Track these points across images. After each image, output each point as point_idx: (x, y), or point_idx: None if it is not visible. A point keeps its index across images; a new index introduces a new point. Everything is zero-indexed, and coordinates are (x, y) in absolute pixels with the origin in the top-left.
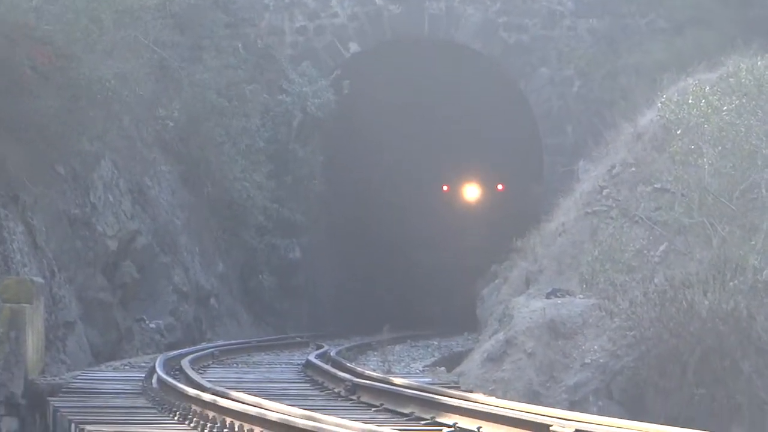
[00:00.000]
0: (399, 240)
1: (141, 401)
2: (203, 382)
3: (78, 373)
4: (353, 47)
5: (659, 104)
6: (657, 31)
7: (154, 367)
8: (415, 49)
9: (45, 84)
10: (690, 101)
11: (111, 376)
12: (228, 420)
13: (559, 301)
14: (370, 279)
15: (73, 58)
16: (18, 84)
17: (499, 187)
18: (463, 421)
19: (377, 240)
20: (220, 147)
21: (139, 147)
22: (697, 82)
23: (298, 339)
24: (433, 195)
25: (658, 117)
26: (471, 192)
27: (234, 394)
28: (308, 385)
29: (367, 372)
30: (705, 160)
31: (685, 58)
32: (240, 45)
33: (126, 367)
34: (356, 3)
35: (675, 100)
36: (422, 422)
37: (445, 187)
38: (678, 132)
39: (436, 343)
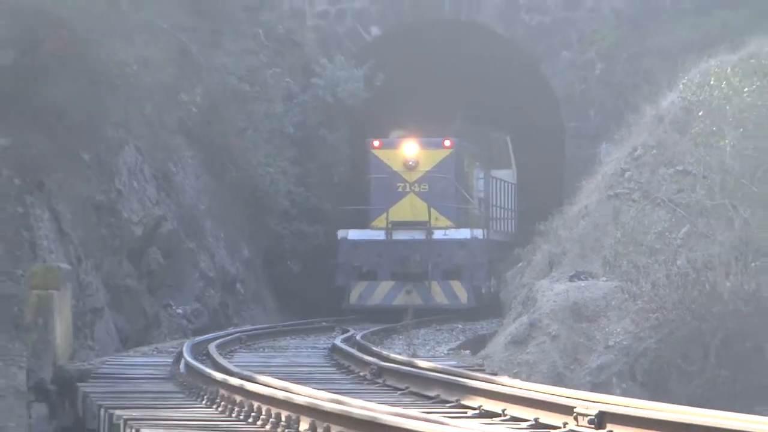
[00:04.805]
0: None
1: (169, 386)
2: (230, 366)
3: (106, 358)
4: (375, 31)
5: (681, 86)
6: (683, 12)
7: (181, 353)
8: (436, 33)
9: (64, 69)
10: (711, 83)
11: (139, 361)
12: (255, 404)
13: (582, 284)
14: None
15: (91, 42)
16: (37, 70)
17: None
18: (488, 404)
19: None
20: (242, 133)
21: (161, 133)
22: (718, 63)
23: (324, 323)
24: None
25: (680, 99)
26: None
27: (261, 378)
28: (334, 369)
29: (393, 356)
30: (727, 141)
31: (711, 39)
32: (260, 30)
33: (154, 352)
34: None
35: (697, 81)
36: (447, 405)
37: None
38: (700, 114)
39: (460, 326)
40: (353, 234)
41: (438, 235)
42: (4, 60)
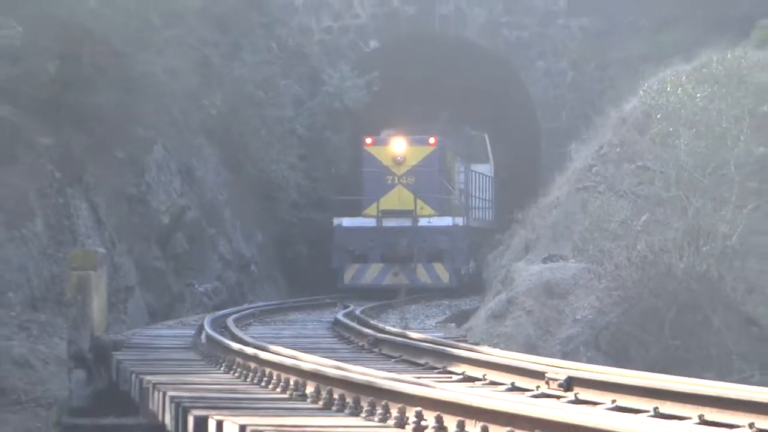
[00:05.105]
0: None
1: (192, 354)
2: (245, 337)
3: (137, 330)
4: (373, 44)
5: (641, 92)
6: (640, 29)
7: (202, 325)
8: (427, 46)
9: (102, 79)
10: (668, 89)
11: (165, 333)
12: (267, 370)
13: (554, 266)
14: None
15: (128, 55)
16: (81, 79)
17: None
18: (471, 370)
19: None
20: (257, 133)
21: (186, 134)
22: (674, 72)
23: (328, 300)
24: None
25: (641, 103)
26: None
27: (272, 347)
28: (336, 339)
29: (388, 328)
30: (681, 141)
31: (665, 52)
32: (273, 43)
33: (178, 325)
34: (376, 4)
35: (655, 88)
36: (435, 371)
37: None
38: (658, 116)
39: (447, 303)
40: (347, 221)
41: (423, 222)
42: (50, 70)
